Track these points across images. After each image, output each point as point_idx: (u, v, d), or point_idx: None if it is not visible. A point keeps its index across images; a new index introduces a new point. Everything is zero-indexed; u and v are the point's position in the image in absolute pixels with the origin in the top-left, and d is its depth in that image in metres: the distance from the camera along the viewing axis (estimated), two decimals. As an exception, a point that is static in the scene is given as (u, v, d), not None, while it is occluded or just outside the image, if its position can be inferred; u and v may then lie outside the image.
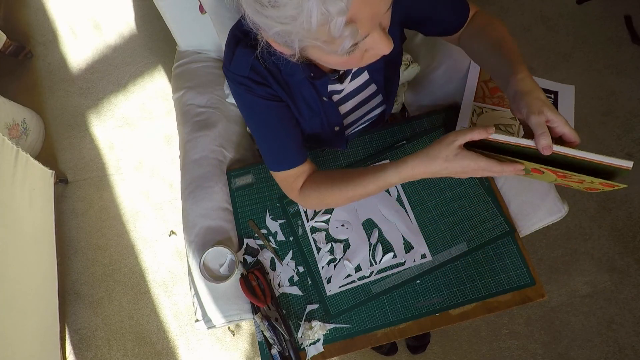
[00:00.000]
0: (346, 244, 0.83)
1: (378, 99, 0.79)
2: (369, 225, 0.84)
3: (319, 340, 0.78)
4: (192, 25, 1.11)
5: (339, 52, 0.46)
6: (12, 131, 1.63)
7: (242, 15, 0.47)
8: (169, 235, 1.63)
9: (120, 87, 1.89)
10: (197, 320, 0.87)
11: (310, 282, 0.83)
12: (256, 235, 0.89)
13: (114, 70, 1.92)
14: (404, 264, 0.80)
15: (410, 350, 1.33)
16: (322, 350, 0.78)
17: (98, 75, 1.93)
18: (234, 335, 1.46)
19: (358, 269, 0.81)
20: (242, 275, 0.85)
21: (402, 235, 0.82)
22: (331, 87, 0.70)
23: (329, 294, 0.81)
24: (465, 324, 1.33)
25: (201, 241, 0.90)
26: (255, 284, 0.83)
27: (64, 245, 1.67)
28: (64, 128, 1.86)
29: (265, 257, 0.87)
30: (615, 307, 1.28)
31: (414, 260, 0.79)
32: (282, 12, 0.41)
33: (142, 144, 1.79)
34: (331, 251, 0.83)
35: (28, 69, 2.00)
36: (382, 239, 0.82)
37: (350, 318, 0.79)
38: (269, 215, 0.90)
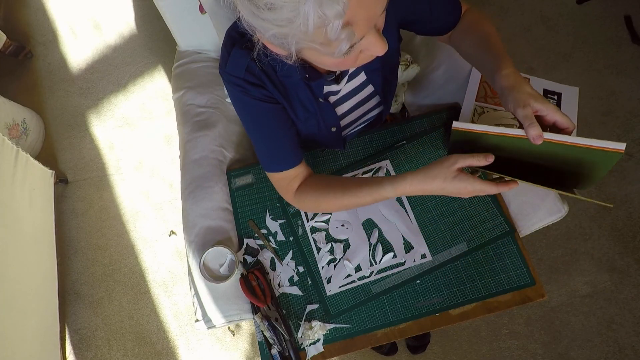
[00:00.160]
0: (346, 244, 0.83)
1: (375, 100, 0.79)
2: (369, 225, 0.84)
3: (319, 340, 0.78)
4: (192, 25, 1.11)
5: (335, 55, 0.46)
6: (12, 131, 1.63)
7: (238, 17, 0.47)
8: (169, 235, 1.63)
9: (120, 87, 1.89)
10: (197, 320, 0.87)
11: (310, 282, 0.83)
12: (256, 235, 0.89)
13: (114, 70, 1.92)
14: (404, 264, 0.80)
15: (410, 350, 1.33)
16: (322, 350, 0.78)
17: (98, 75, 1.93)
18: (234, 335, 1.46)
19: (358, 269, 0.81)
20: (242, 275, 0.85)
21: (402, 235, 0.82)
22: (327, 88, 0.70)
23: (329, 294, 0.81)
24: (465, 324, 1.33)
25: (201, 241, 0.90)
26: (255, 284, 0.83)
27: (64, 245, 1.67)
28: (64, 128, 1.86)
29: (265, 257, 0.87)
30: (615, 307, 1.28)
31: (414, 260, 0.79)
32: (278, 15, 0.41)
33: (142, 144, 1.79)
34: (331, 251, 0.83)
35: (28, 69, 2.00)
36: (382, 239, 0.82)
37: (350, 318, 0.79)
38: (269, 215, 0.90)
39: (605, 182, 1.39)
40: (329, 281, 0.82)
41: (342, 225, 0.85)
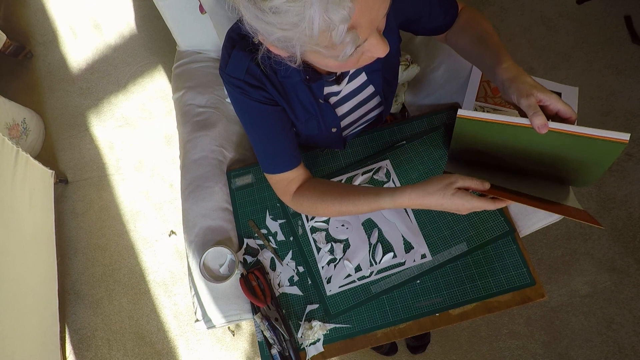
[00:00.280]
0: (346, 244, 0.83)
1: (376, 100, 0.79)
2: (369, 225, 0.84)
3: (319, 340, 0.78)
4: (192, 25, 1.11)
5: (340, 58, 0.47)
6: (12, 131, 1.63)
7: (240, 18, 0.47)
8: (169, 235, 1.63)
9: (120, 87, 1.89)
10: (197, 320, 0.87)
11: (310, 282, 0.83)
12: (256, 235, 0.89)
13: (114, 70, 1.92)
14: (404, 264, 0.80)
15: (410, 350, 1.33)
16: (322, 350, 0.78)
17: (98, 75, 1.93)
18: (234, 335, 1.46)
19: (358, 269, 0.81)
20: (242, 275, 0.85)
21: (402, 235, 0.82)
22: (328, 89, 0.70)
23: (329, 294, 0.81)
24: (465, 324, 1.33)
25: (201, 241, 0.90)
26: (255, 284, 0.83)
27: (64, 245, 1.67)
28: (64, 128, 1.86)
29: (265, 257, 0.86)
30: (615, 307, 1.28)
31: (414, 260, 0.79)
32: (283, 19, 0.41)
33: (142, 144, 1.79)
34: (331, 251, 0.83)
35: (28, 69, 2.00)
36: (382, 238, 0.82)
37: (350, 318, 0.79)
38: (269, 215, 0.90)
39: (605, 182, 1.39)
40: (329, 281, 0.82)
41: (342, 225, 0.85)
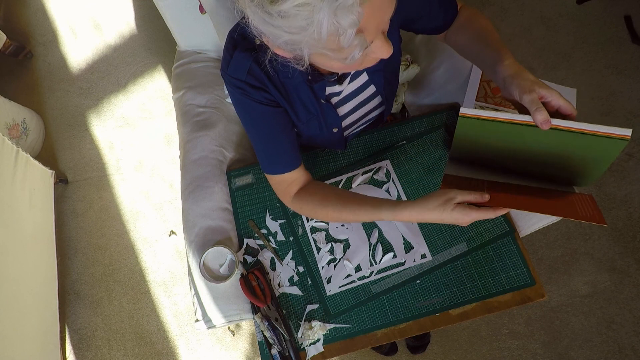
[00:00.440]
0: (346, 244, 0.83)
1: (377, 100, 0.79)
2: (369, 225, 0.84)
3: (319, 340, 0.78)
4: (192, 25, 1.11)
5: (348, 61, 0.47)
6: (12, 131, 1.63)
7: (245, 20, 0.47)
8: (169, 235, 1.63)
9: (120, 87, 1.89)
10: (197, 320, 0.87)
11: (310, 282, 0.83)
12: (256, 235, 0.89)
13: (114, 70, 1.92)
14: (404, 264, 0.80)
15: (410, 350, 1.33)
16: (322, 350, 0.78)
17: (98, 75, 1.93)
18: (234, 335, 1.46)
19: (358, 269, 0.81)
20: (242, 275, 0.85)
21: (402, 235, 0.82)
22: (330, 89, 0.70)
23: (329, 294, 0.81)
24: (465, 324, 1.33)
25: (201, 241, 0.90)
26: (255, 284, 0.83)
27: (64, 245, 1.67)
28: (64, 128, 1.86)
29: (265, 257, 0.86)
30: (615, 307, 1.28)
31: (414, 260, 0.79)
32: (291, 23, 0.41)
33: (142, 144, 1.79)
34: (331, 251, 0.83)
35: (28, 69, 2.00)
36: (382, 239, 0.82)
37: (350, 318, 0.79)
38: (269, 215, 0.90)
39: (605, 182, 1.39)
40: (329, 281, 0.82)
41: (342, 225, 0.85)
